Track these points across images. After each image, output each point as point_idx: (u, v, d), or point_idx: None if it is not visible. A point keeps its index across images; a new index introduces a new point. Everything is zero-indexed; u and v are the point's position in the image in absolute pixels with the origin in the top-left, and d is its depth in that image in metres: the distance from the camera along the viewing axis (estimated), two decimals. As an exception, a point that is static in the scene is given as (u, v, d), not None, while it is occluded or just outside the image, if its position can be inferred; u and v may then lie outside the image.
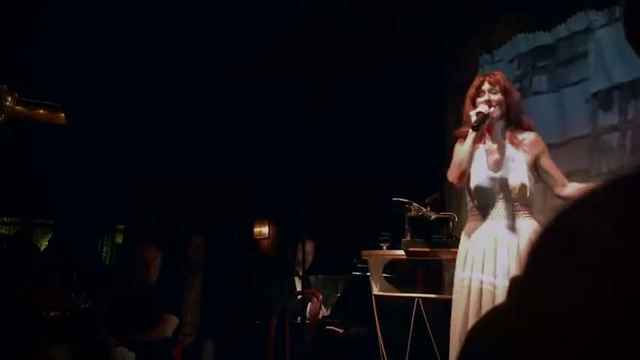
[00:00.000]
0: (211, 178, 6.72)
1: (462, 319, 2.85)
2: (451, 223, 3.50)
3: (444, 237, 3.46)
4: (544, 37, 4.41)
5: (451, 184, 3.14)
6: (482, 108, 2.94)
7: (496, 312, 0.47)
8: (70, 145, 6.68)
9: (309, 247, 5.11)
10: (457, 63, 5.02)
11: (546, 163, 2.93)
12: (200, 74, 5.91)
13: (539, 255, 0.42)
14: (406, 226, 3.55)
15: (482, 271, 2.85)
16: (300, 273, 4.96)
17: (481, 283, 2.83)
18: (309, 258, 5.10)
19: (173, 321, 4.22)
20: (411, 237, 3.53)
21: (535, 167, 2.94)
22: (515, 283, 0.45)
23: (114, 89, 6.11)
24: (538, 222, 2.84)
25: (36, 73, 5.94)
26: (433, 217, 3.48)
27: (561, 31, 4.29)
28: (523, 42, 4.55)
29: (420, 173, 4.93)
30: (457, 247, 3.47)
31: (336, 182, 5.72)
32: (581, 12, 4.17)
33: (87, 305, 4.64)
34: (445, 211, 3.80)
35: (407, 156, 5.25)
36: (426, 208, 3.56)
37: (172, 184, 6.64)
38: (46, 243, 6.97)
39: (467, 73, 4.91)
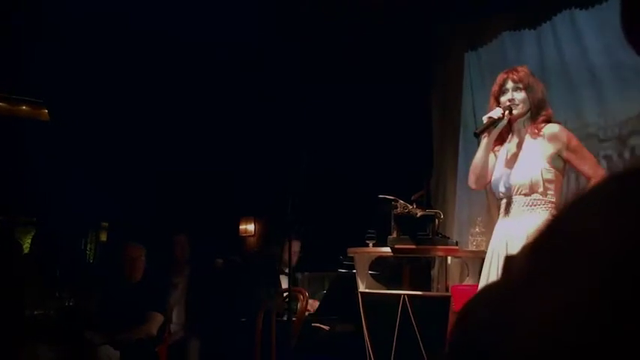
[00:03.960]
0: (197, 176, 6.69)
1: None
2: (437, 221, 3.51)
3: (429, 234, 3.46)
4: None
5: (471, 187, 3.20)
6: (494, 113, 2.91)
7: (490, 290, 0.47)
8: (53, 141, 6.61)
9: (295, 246, 5.10)
10: (443, 60, 5.03)
11: (571, 157, 2.83)
12: (187, 71, 5.88)
13: (543, 242, 0.42)
14: (392, 224, 3.56)
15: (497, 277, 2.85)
16: (286, 271, 4.96)
17: None
18: (295, 257, 5.09)
19: (158, 319, 4.20)
20: (397, 234, 3.54)
21: (563, 161, 2.87)
22: (509, 264, 0.44)
23: (98, 85, 6.05)
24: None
25: (19, 69, 5.87)
26: (419, 214, 3.48)
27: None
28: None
29: (406, 170, 4.95)
30: (443, 245, 3.49)
31: (322, 180, 5.71)
32: (565, 10, 4.20)
33: (71, 303, 4.60)
34: (431, 209, 3.82)
35: (393, 153, 5.26)
36: (412, 205, 3.57)
37: (157, 181, 6.60)
38: (30, 241, 6.90)
39: (452, 71, 4.94)
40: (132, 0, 4.85)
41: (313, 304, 4.73)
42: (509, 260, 0.44)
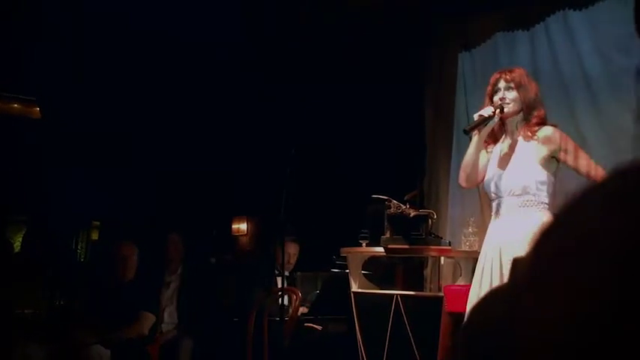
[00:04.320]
0: (189, 175, 6.67)
1: None
2: (430, 221, 3.51)
3: (423, 234, 3.47)
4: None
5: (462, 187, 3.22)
6: (485, 111, 2.93)
7: (498, 292, 0.46)
8: (45, 139, 6.58)
9: (294, 248, 5.10)
10: (437, 60, 5.03)
11: (567, 159, 2.86)
12: (178, 71, 5.86)
13: (544, 244, 0.41)
14: (385, 224, 3.56)
15: (490, 285, 2.84)
16: (284, 272, 4.94)
17: None
18: (293, 260, 5.09)
19: (150, 318, 4.18)
20: (391, 234, 3.54)
21: (558, 162, 2.89)
22: (518, 266, 0.43)
23: (88, 83, 6.02)
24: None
25: (10, 66, 5.83)
26: (412, 214, 3.48)
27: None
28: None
29: (400, 170, 4.95)
30: (436, 245, 3.49)
31: (316, 179, 5.71)
32: (559, 11, 4.20)
33: (62, 302, 4.58)
34: (424, 209, 3.82)
35: (386, 153, 5.26)
36: (405, 205, 3.57)
37: (149, 180, 6.57)
38: (20, 240, 6.85)
39: (446, 71, 4.94)
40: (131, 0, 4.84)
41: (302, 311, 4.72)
42: (515, 263, 0.43)
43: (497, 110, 2.92)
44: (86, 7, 4.95)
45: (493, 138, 3.05)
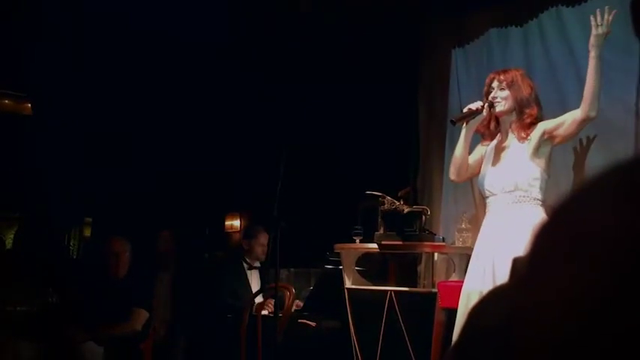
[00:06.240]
0: (182, 172, 6.65)
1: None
2: (424, 217, 3.52)
3: (416, 230, 3.47)
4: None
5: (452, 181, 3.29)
6: (473, 105, 2.99)
7: (498, 293, 0.46)
8: (36, 135, 6.54)
9: (264, 238, 4.91)
10: (430, 57, 5.03)
11: (552, 124, 2.96)
12: (178, 71, 5.84)
13: (543, 242, 0.40)
14: (379, 220, 3.57)
15: (482, 282, 2.85)
16: (255, 265, 4.85)
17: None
18: (261, 249, 4.88)
19: (143, 315, 4.17)
20: (384, 230, 3.55)
21: (552, 141, 2.96)
22: (517, 265, 0.43)
23: (81, 79, 5.99)
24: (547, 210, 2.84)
25: (6, 64, 5.80)
26: (406, 210, 3.49)
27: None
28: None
29: (393, 167, 4.95)
30: (430, 241, 3.50)
31: (309, 175, 5.70)
32: (552, 7, 4.20)
33: (54, 299, 4.56)
34: (418, 205, 3.83)
35: (380, 149, 5.26)
36: (398, 201, 3.58)
37: (142, 177, 6.55)
38: (12, 236, 6.83)
39: (440, 68, 4.93)
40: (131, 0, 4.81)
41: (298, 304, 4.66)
42: (514, 263, 0.43)
43: (486, 105, 2.98)
44: (86, 7, 4.91)
45: (490, 135, 3.09)
